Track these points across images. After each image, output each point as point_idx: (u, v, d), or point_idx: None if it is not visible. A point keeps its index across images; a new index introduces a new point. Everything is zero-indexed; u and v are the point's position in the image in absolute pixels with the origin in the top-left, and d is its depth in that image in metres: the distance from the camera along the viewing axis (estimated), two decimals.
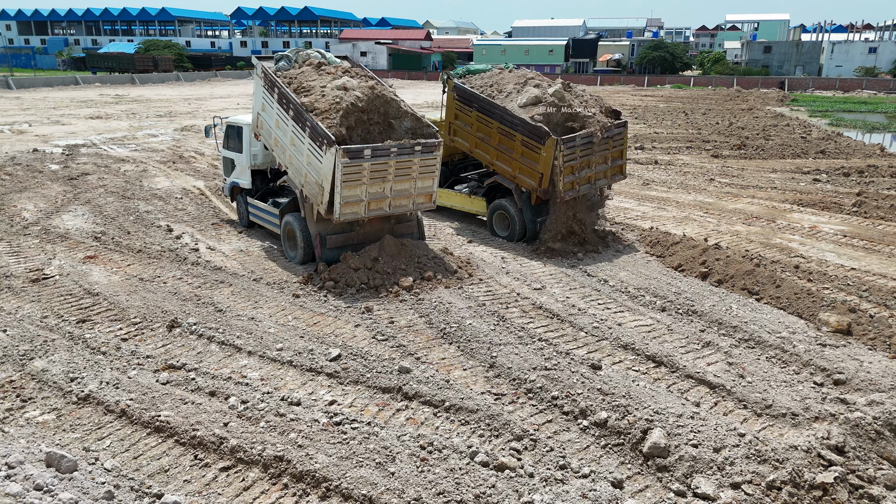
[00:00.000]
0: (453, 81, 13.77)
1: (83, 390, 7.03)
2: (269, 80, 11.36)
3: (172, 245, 12.40)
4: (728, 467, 5.95)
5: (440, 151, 10.98)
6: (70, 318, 9.03)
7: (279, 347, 8.19)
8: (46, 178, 18.21)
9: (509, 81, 13.38)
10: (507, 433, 6.47)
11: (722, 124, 34.42)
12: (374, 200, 10.53)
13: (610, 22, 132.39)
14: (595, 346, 8.48)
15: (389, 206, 10.75)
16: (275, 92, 11.15)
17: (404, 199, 10.89)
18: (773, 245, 12.97)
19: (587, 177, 12.41)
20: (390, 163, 10.36)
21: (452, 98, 13.72)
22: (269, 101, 11.38)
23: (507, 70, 14.28)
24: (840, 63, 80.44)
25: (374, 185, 10.38)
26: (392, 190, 10.62)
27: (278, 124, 11.21)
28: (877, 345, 8.59)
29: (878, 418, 6.66)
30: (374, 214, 10.71)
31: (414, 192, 10.92)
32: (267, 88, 11.46)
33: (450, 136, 13.89)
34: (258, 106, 11.89)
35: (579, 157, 12.08)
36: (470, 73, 14.33)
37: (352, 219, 10.55)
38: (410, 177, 10.73)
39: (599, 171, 12.67)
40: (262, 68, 11.62)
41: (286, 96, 10.79)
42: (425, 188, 11.06)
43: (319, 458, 5.92)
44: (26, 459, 5.53)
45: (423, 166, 10.80)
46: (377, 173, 10.31)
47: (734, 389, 7.38)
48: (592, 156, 12.35)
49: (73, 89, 56.07)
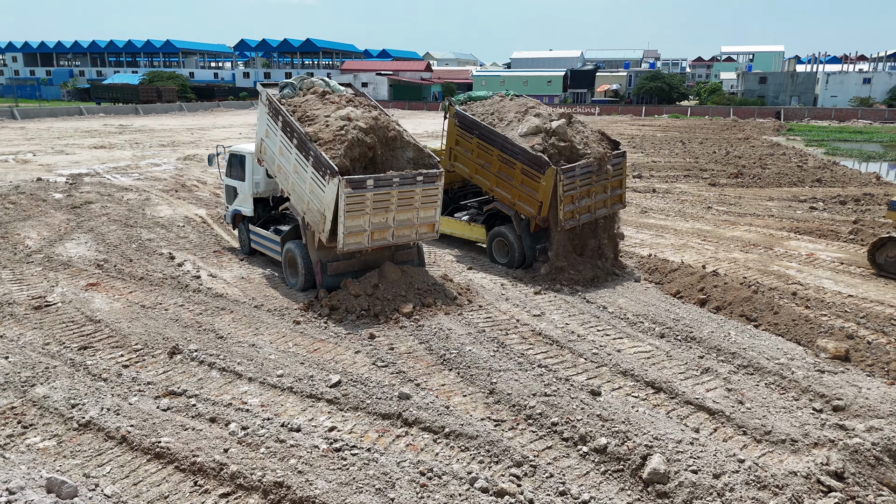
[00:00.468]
0: (455, 108, 13.95)
1: (84, 416, 7.06)
2: (273, 108, 11.51)
3: (174, 272, 12.49)
4: (728, 493, 5.95)
5: (441, 182, 11.10)
6: (72, 344, 9.08)
7: (279, 374, 8.22)
8: (50, 207, 18.38)
9: (510, 110, 13.58)
10: (507, 459, 6.48)
11: (719, 153, 34.79)
12: (377, 231, 10.59)
13: (607, 53, 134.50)
14: (594, 372, 8.51)
15: (392, 235, 10.82)
16: (279, 119, 11.30)
17: (407, 229, 10.96)
18: (770, 272, 13.05)
19: (587, 206, 12.55)
20: (393, 193, 10.47)
21: (453, 124, 13.89)
22: (273, 128, 11.54)
23: (508, 98, 14.49)
24: (835, 93, 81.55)
25: (377, 215, 10.46)
26: (395, 220, 10.70)
27: (282, 151, 11.35)
28: (875, 371, 8.61)
29: (876, 444, 6.67)
30: (377, 244, 10.75)
31: (417, 221, 11.01)
32: (271, 116, 11.60)
33: (450, 160, 14.05)
34: (262, 132, 12.03)
35: (579, 186, 12.23)
36: (471, 100, 14.51)
37: (355, 249, 10.59)
38: (413, 206, 10.83)
39: (599, 200, 12.81)
40: (267, 95, 11.76)
41: (290, 125, 10.95)
42: (428, 218, 11.15)
43: (319, 483, 5.93)
44: (27, 485, 5.54)
45: (425, 196, 10.92)
46: (380, 203, 10.41)
47: (733, 415, 7.39)
48: (592, 185, 12.50)
49: (77, 119, 56.72)
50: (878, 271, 12.93)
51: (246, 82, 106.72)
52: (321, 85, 12.30)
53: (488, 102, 14.29)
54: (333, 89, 12.23)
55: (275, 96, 11.85)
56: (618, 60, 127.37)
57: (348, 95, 11.99)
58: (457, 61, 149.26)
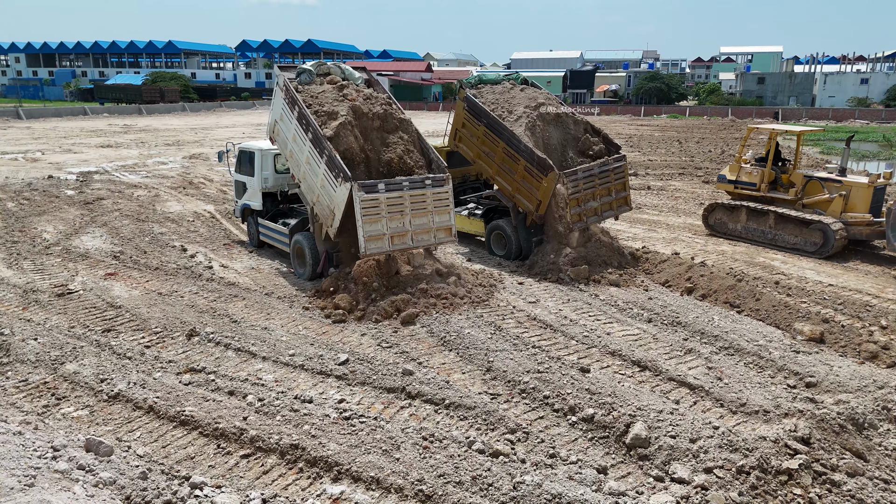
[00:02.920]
0: (465, 92, 14.07)
1: (112, 390, 7.66)
2: (290, 96, 11.58)
3: (187, 263, 13.10)
4: (702, 455, 6.55)
5: (450, 185, 11.45)
6: (96, 328, 9.69)
7: (291, 353, 8.83)
8: (63, 203, 19.00)
9: (520, 103, 13.77)
10: (502, 427, 7.08)
11: (715, 152, 35.38)
12: (396, 235, 10.80)
13: (607, 54, 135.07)
14: (585, 352, 9.11)
15: (412, 239, 11.01)
16: (295, 109, 11.43)
17: (425, 233, 11.16)
18: (756, 263, 13.65)
19: (594, 209, 13.01)
20: (404, 195, 10.81)
21: (462, 108, 13.98)
22: (289, 115, 11.67)
23: (518, 87, 14.73)
24: (833, 94, 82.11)
25: (392, 219, 10.73)
26: (412, 223, 10.94)
27: (295, 139, 11.59)
28: (847, 352, 9.22)
29: (842, 414, 7.27)
30: (398, 248, 10.91)
31: (433, 225, 11.21)
32: (287, 103, 11.68)
33: (455, 140, 14.37)
34: (276, 114, 12.19)
35: (583, 189, 12.76)
36: (482, 83, 14.62)
37: (377, 253, 10.76)
38: (426, 210, 11.08)
39: (605, 202, 13.28)
40: (284, 82, 11.75)
41: (306, 118, 11.13)
42: (443, 222, 11.33)
43: (331, 446, 6.53)
44: (69, 444, 6.14)
45: (436, 200, 11.20)
46: (394, 207, 10.73)
47: (712, 390, 8.00)
48: (596, 188, 13.00)
49: (81, 119, 57.34)
50: (709, 231, 16.42)
51: (247, 83, 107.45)
52: (338, 73, 12.44)
53: (499, 90, 14.43)
54: (348, 76, 12.49)
55: (292, 82, 11.86)
56: (617, 61, 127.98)
57: (366, 93, 12.10)
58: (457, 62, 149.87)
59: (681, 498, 5.98)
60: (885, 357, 8.97)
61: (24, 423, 6.65)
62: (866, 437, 7.07)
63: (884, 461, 6.69)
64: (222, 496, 5.77)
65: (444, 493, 5.85)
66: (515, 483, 6.00)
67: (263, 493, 5.85)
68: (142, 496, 5.63)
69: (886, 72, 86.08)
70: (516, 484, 5.96)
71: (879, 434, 7.12)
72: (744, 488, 6.08)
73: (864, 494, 6.09)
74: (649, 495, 6.04)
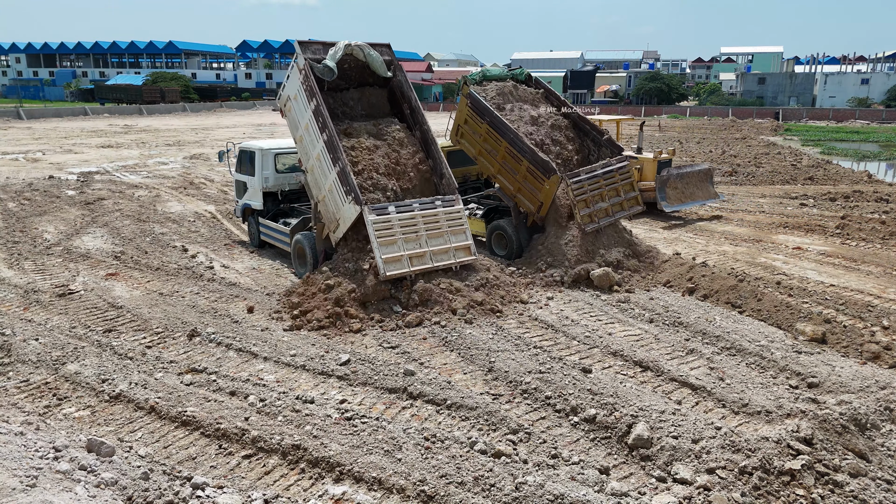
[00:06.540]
0: (469, 88, 13.85)
1: (114, 390, 7.66)
2: (308, 86, 11.17)
3: (188, 263, 13.10)
4: (704, 455, 6.54)
5: (461, 204, 11.42)
6: (97, 328, 9.68)
7: (292, 354, 8.82)
8: (64, 203, 19.00)
9: (525, 102, 13.73)
10: (504, 427, 7.07)
11: (715, 152, 35.37)
12: (415, 256, 10.62)
13: (607, 54, 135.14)
14: (586, 353, 9.10)
15: (431, 259, 10.80)
16: (312, 101, 11.10)
17: (443, 253, 10.96)
18: (757, 263, 13.65)
19: (605, 209, 12.96)
20: (416, 216, 10.74)
21: (465, 104, 13.80)
22: (304, 101, 11.29)
23: (522, 83, 14.65)
24: (833, 94, 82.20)
25: (408, 241, 10.60)
26: (428, 243, 10.78)
27: (308, 129, 11.33)
28: (849, 352, 9.21)
29: (844, 414, 7.26)
30: (418, 269, 10.63)
31: (451, 246, 11.05)
32: (305, 90, 11.27)
33: (457, 136, 14.27)
34: (291, 92, 11.77)
35: (589, 190, 12.74)
36: (486, 79, 14.47)
37: (399, 275, 10.45)
38: (441, 231, 10.98)
39: (615, 203, 13.20)
40: (304, 66, 11.27)
41: (322, 116, 10.85)
42: (461, 242, 11.20)
43: (333, 446, 6.52)
44: (70, 444, 6.14)
45: (450, 220, 11.13)
46: (408, 229, 10.62)
47: (714, 390, 7.99)
48: (602, 189, 12.96)
49: (82, 120, 57.38)
50: None
51: (248, 83, 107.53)
52: (359, 54, 11.86)
53: (503, 87, 14.28)
54: (371, 59, 12.00)
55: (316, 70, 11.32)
56: (618, 61, 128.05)
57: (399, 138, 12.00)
58: (457, 62, 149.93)
59: (683, 498, 5.97)
60: (888, 357, 8.96)
61: (26, 423, 6.65)
62: (869, 437, 7.06)
63: (886, 462, 6.68)
64: (224, 497, 5.77)
65: (447, 494, 5.84)
66: (517, 483, 5.99)
67: (265, 494, 5.84)
68: (143, 497, 5.62)
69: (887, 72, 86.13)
70: (518, 484, 5.96)
71: (882, 435, 7.11)
72: (746, 489, 6.07)
73: (867, 495, 6.08)
74: (651, 496, 6.03)
